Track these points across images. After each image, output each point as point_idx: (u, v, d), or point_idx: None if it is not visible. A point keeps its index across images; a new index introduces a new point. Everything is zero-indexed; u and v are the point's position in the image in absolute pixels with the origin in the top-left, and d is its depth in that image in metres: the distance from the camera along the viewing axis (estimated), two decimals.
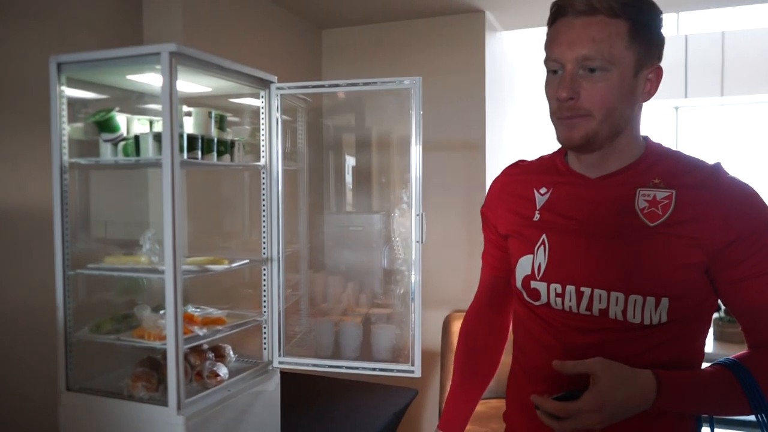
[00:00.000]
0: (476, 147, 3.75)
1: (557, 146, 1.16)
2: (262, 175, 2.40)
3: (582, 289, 1.04)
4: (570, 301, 1.05)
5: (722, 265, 1.00)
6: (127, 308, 2.20)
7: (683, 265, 0.99)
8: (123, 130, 2.13)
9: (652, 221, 1.00)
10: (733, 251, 0.98)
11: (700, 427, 1.09)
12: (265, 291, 2.42)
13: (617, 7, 0.96)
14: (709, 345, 3.06)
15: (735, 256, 0.98)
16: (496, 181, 1.26)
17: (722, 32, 6.12)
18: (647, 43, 1.00)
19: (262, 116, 2.40)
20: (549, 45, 1.01)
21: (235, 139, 2.33)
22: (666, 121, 7.10)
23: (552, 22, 1.03)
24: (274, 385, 2.36)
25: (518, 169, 1.23)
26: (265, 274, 2.42)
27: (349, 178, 3.98)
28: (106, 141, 2.10)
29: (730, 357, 1.03)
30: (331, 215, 3.78)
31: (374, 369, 2.35)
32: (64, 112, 2.07)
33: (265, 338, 2.42)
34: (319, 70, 4.11)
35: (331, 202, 3.88)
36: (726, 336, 3.00)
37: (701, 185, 1.00)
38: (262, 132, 2.40)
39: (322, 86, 2.54)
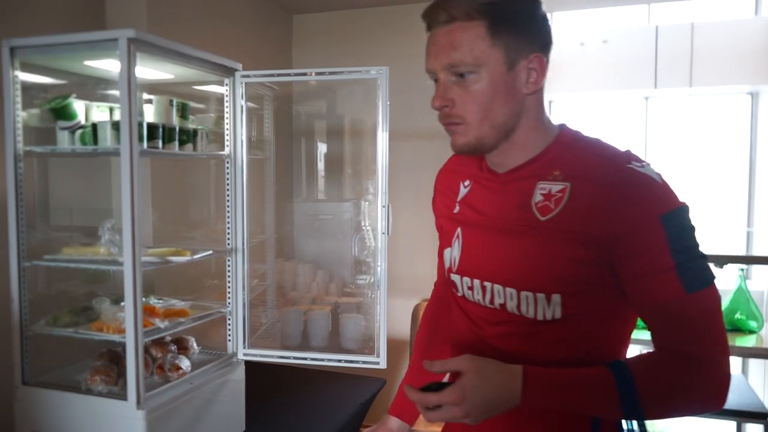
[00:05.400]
0: (447, 135, 3.74)
1: None
2: (227, 165, 2.36)
3: (485, 283, 1.06)
4: (478, 294, 1.08)
5: (618, 261, 0.96)
6: (86, 300, 2.16)
7: (573, 260, 0.96)
8: (81, 118, 2.07)
9: (544, 215, 1.00)
10: (625, 246, 0.94)
11: (597, 428, 1.05)
12: (229, 282, 2.39)
13: (472, 11, 0.97)
14: None
15: (628, 252, 0.95)
16: (438, 174, 1.29)
17: (691, 24, 6.19)
18: (514, 36, 0.99)
19: (226, 104, 2.35)
20: (426, 56, 1.05)
21: (199, 127, 2.28)
22: (636, 110, 7.18)
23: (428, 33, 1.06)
24: (238, 376, 2.34)
25: (454, 161, 1.25)
26: (229, 265, 2.38)
27: (321, 165, 3.95)
28: (63, 129, 2.04)
29: (621, 360, 1.00)
30: (300, 204, 3.75)
31: (340, 360, 2.34)
32: (18, 98, 2.00)
33: (229, 330, 2.39)
34: (290, 56, 4.04)
35: (301, 190, 3.85)
36: None
37: (597, 177, 0.97)
38: (226, 120, 2.35)
39: (288, 74, 2.50)
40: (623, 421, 1.06)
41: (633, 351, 1.06)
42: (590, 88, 7.48)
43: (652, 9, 6.68)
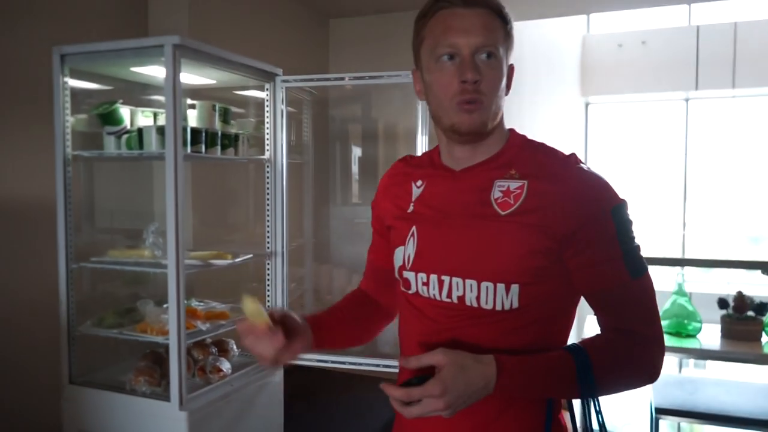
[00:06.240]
0: None
1: (577, 134, 1.16)
2: (267, 169, 2.38)
3: (442, 277, 1.09)
4: (433, 289, 1.11)
5: (571, 252, 1.03)
6: (130, 301, 2.20)
7: (531, 251, 1.03)
8: (127, 123, 2.11)
9: (504, 210, 1.06)
10: (578, 238, 1.02)
11: (551, 412, 1.10)
12: (269, 285, 2.40)
13: (497, 7, 1.07)
14: (717, 342, 3.02)
15: (580, 244, 1.02)
16: (385, 175, 1.32)
17: (734, 23, 6.02)
18: (512, 43, 1.11)
19: (267, 109, 2.37)
20: (440, 34, 1.07)
21: (240, 132, 2.31)
22: (676, 112, 7.02)
23: (433, 13, 1.10)
24: (277, 379, 2.36)
25: (403, 163, 1.29)
26: (269, 268, 2.40)
27: (355, 169, 3.96)
28: (110, 134, 2.08)
29: (578, 343, 1.06)
30: (336, 208, 3.76)
31: (378, 365, 2.34)
32: (68, 104, 2.05)
33: None
34: (326, 61, 4.07)
35: (337, 194, 3.86)
36: (734, 333, 2.96)
37: (550, 176, 1.05)
38: (266, 125, 2.38)
39: (328, 79, 2.51)
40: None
41: None
42: (628, 90, 7.35)
43: (692, 9, 6.53)
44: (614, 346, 1.04)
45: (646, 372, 1.05)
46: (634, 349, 1.03)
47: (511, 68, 1.12)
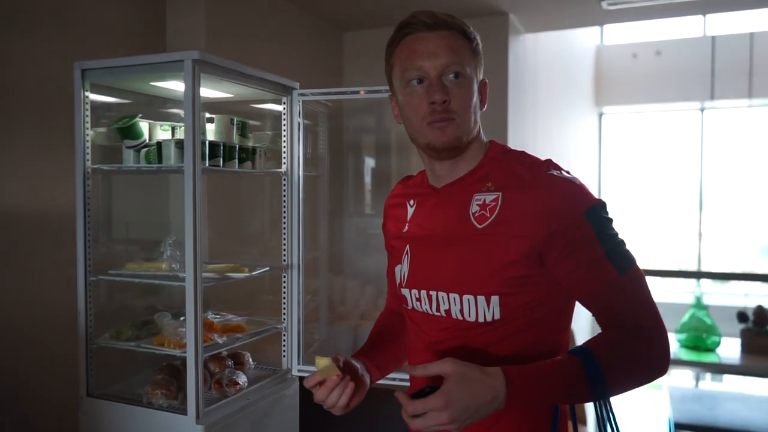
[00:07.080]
0: None
1: (591, 144, 1.18)
2: (283, 182, 2.39)
3: (431, 292, 1.13)
4: (425, 304, 1.15)
5: (553, 259, 1.04)
6: (147, 314, 2.20)
7: (509, 262, 1.04)
8: (146, 137, 2.13)
9: (481, 223, 1.08)
10: (556, 245, 1.03)
11: (557, 417, 1.11)
12: (285, 298, 2.40)
13: (464, 29, 1.11)
14: (736, 356, 2.99)
15: (561, 250, 1.03)
16: (388, 197, 1.37)
17: (751, 33, 5.99)
18: (480, 60, 1.14)
19: (283, 122, 2.38)
20: (407, 59, 1.11)
21: (257, 145, 2.32)
22: (691, 122, 6.98)
23: (399, 40, 1.13)
24: (293, 392, 2.35)
25: (402, 185, 1.33)
26: (285, 281, 2.40)
27: (368, 180, 3.96)
28: (129, 147, 2.10)
29: (582, 343, 1.05)
30: (350, 219, 3.77)
31: (394, 379, 2.32)
32: (88, 118, 2.07)
33: (284, 346, 2.40)
34: (341, 72, 4.09)
35: (350, 205, 3.87)
36: (754, 348, 2.93)
37: (523, 185, 1.07)
38: (283, 138, 2.38)
39: (344, 93, 2.51)
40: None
41: None
42: (643, 101, 7.32)
43: (707, 19, 6.50)
44: (616, 343, 1.03)
45: (653, 365, 1.03)
46: (635, 343, 1.02)
47: (483, 84, 1.15)
